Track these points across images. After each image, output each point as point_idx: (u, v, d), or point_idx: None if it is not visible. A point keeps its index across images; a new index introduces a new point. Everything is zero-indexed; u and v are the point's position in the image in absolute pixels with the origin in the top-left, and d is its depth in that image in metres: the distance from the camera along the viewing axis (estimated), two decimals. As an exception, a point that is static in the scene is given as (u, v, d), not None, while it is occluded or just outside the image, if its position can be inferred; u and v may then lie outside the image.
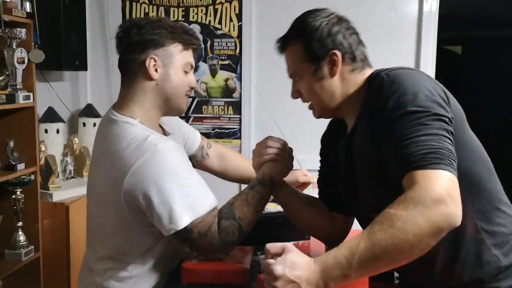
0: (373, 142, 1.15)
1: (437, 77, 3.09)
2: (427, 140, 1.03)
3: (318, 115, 1.34)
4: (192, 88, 1.46)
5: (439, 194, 0.97)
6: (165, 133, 1.52)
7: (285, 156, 1.41)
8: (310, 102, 1.33)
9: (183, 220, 1.27)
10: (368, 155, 1.19)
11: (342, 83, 1.26)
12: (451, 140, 1.06)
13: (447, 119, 1.08)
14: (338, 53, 1.24)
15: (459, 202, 0.99)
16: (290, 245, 1.05)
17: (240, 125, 3.21)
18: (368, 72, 1.27)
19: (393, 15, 3.04)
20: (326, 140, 1.48)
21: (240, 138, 3.21)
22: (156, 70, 1.39)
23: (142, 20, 1.42)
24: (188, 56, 1.44)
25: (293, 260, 1.00)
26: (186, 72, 1.44)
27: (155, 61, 1.38)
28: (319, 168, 1.51)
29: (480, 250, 1.17)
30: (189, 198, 1.28)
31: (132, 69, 1.41)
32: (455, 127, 1.10)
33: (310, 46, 1.25)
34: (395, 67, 1.19)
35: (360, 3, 3.02)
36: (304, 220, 1.48)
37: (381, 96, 1.12)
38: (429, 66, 3.04)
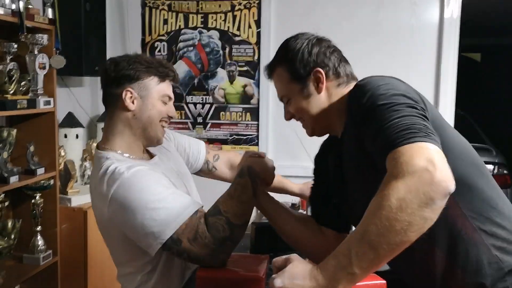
0: (359, 142, 1.16)
1: (456, 84, 3.06)
2: (399, 121, 1.02)
3: (311, 132, 1.38)
4: (170, 117, 1.53)
5: (418, 164, 0.94)
6: (151, 156, 1.56)
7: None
8: (303, 123, 1.37)
9: (166, 233, 1.30)
10: (357, 157, 1.20)
11: (330, 98, 1.32)
12: (425, 118, 1.05)
13: (419, 107, 1.08)
14: (321, 70, 1.30)
15: (443, 167, 0.95)
16: (293, 256, 1.04)
17: (258, 131, 3.20)
18: (353, 84, 1.28)
19: (414, 22, 3.00)
20: (320, 159, 1.50)
21: (257, 144, 3.20)
22: (133, 102, 1.46)
23: (120, 58, 1.51)
24: (165, 88, 1.51)
25: (293, 271, 1.00)
26: (164, 103, 1.51)
27: (131, 93, 1.46)
28: (311, 186, 1.53)
29: (479, 251, 1.13)
30: (166, 214, 1.31)
31: (111, 103, 1.49)
32: (435, 127, 1.08)
33: (294, 67, 1.31)
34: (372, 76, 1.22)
35: (381, 10, 2.99)
36: (294, 235, 1.46)
37: (357, 96, 1.15)
38: (450, 73, 3.00)
